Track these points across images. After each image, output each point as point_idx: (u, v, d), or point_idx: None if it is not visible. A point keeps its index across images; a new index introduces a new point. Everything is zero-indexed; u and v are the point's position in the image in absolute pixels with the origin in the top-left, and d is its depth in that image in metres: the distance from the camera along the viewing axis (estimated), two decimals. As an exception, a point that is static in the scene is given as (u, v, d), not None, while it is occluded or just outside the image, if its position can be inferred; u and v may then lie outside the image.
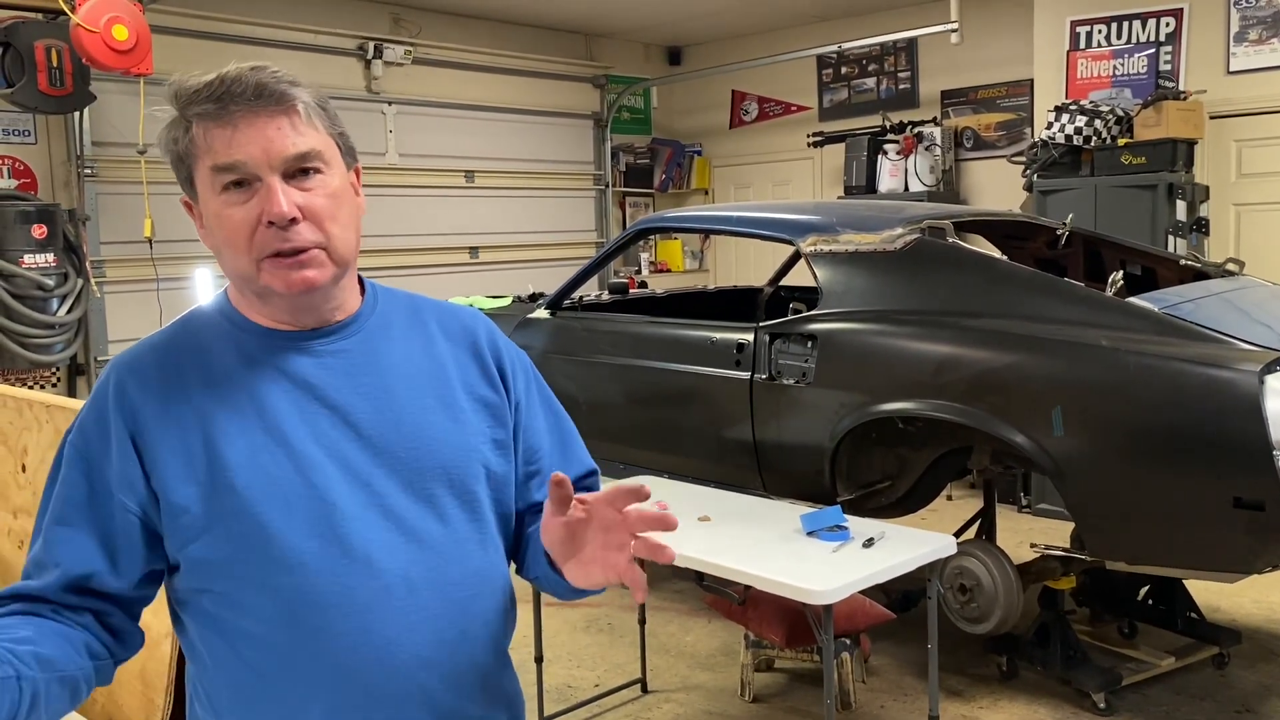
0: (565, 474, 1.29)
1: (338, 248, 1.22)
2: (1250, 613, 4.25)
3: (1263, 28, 5.39)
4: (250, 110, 1.17)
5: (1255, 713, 3.42)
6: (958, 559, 3.52)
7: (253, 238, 1.18)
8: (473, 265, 7.46)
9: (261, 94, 1.17)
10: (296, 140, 1.18)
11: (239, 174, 1.17)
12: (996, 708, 3.50)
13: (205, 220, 1.23)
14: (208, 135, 1.18)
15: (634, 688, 3.74)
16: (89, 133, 5.60)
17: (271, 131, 1.17)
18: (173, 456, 1.19)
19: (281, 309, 1.25)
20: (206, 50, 5.91)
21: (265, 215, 1.17)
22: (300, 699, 1.20)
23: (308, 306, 1.25)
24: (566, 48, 8.10)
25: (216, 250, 1.23)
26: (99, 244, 5.65)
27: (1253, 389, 2.82)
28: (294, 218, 1.17)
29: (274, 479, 1.19)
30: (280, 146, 1.17)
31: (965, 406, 3.29)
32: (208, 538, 1.18)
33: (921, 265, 3.61)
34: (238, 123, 1.17)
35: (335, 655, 1.19)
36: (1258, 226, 5.52)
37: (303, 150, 1.19)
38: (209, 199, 1.20)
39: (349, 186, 1.26)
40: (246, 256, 1.19)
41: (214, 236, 1.22)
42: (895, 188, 6.93)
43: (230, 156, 1.17)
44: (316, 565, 1.18)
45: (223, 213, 1.19)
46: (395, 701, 1.22)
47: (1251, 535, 2.90)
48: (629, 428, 4.26)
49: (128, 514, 1.20)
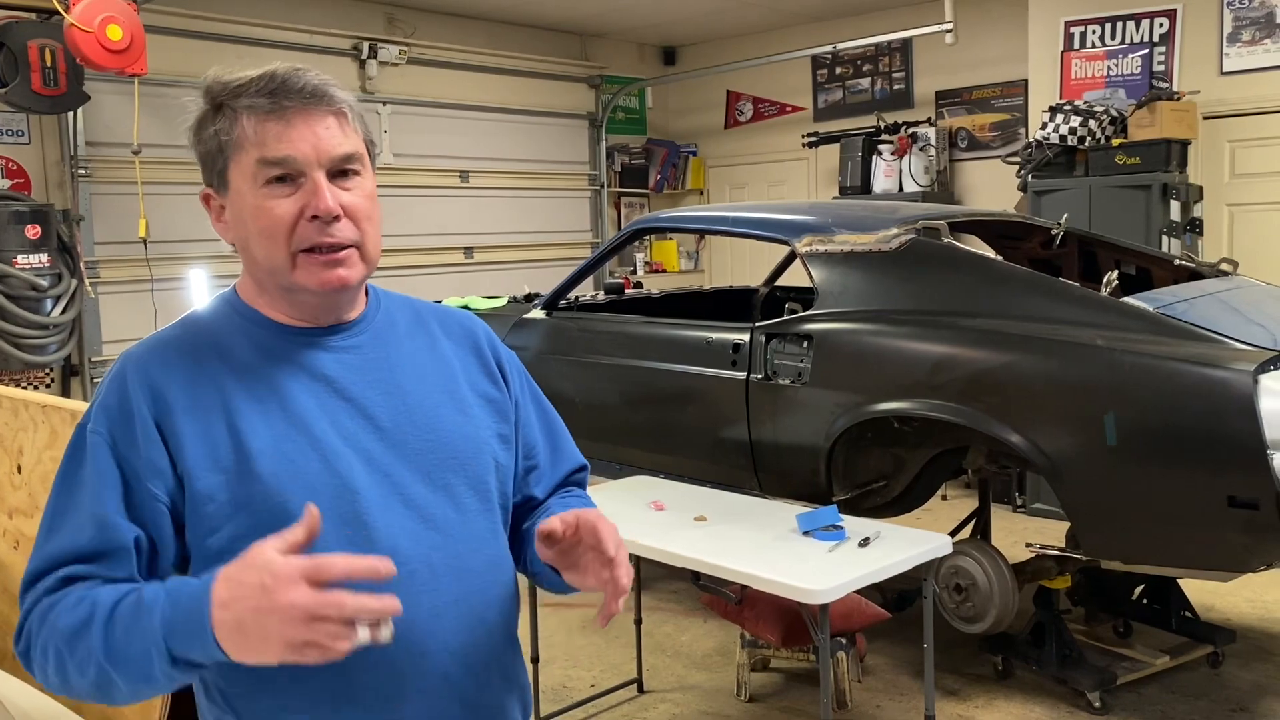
0: (554, 474, 1.45)
1: (369, 248, 1.27)
2: (1245, 612, 4.26)
3: (1255, 28, 5.40)
4: (303, 107, 1.21)
5: (1250, 711, 3.43)
6: (953, 558, 3.52)
7: (292, 232, 1.21)
8: (468, 265, 7.46)
9: (315, 93, 1.22)
10: (343, 141, 1.23)
11: (287, 168, 1.21)
12: (992, 707, 3.51)
13: (237, 212, 1.24)
14: (259, 128, 1.20)
15: (630, 688, 3.74)
16: (83, 133, 5.59)
17: (321, 130, 1.22)
18: (197, 444, 1.19)
19: (305, 306, 1.27)
20: (200, 50, 5.91)
21: (310, 210, 1.20)
22: (329, 690, 1.20)
23: (333, 305, 1.28)
24: (561, 48, 8.10)
25: (244, 242, 1.25)
26: (93, 244, 5.64)
27: (1247, 388, 2.83)
28: (338, 214, 1.21)
29: (299, 467, 1.20)
30: (329, 145, 1.22)
31: (960, 406, 3.29)
32: (231, 526, 1.18)
33: (917, 265, 3.62)
34: (291, 118, 1.20)
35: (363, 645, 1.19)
36: (1251, 226, 5.54)
37: (348, 151, 1.23)
38: (247, 191, 1.22)
39: (376, 192, 1.31)
40: (284, 250, 1.22)
41: (245, 229, 1.24)
42: (890, 188, 6.94)
43: (280, 151, 1.20)
44: (342, 552, 1.18)
45: (264, 204, 1.21)
46: (420, 687, 1.23)
47: (1246, 534, 2.91)
48: (625, 428, 4.26)
49: (158, 503, 1.19)
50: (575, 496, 1.49)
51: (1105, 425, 3.02)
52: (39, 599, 1.15)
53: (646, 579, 4.21)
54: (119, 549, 1.16)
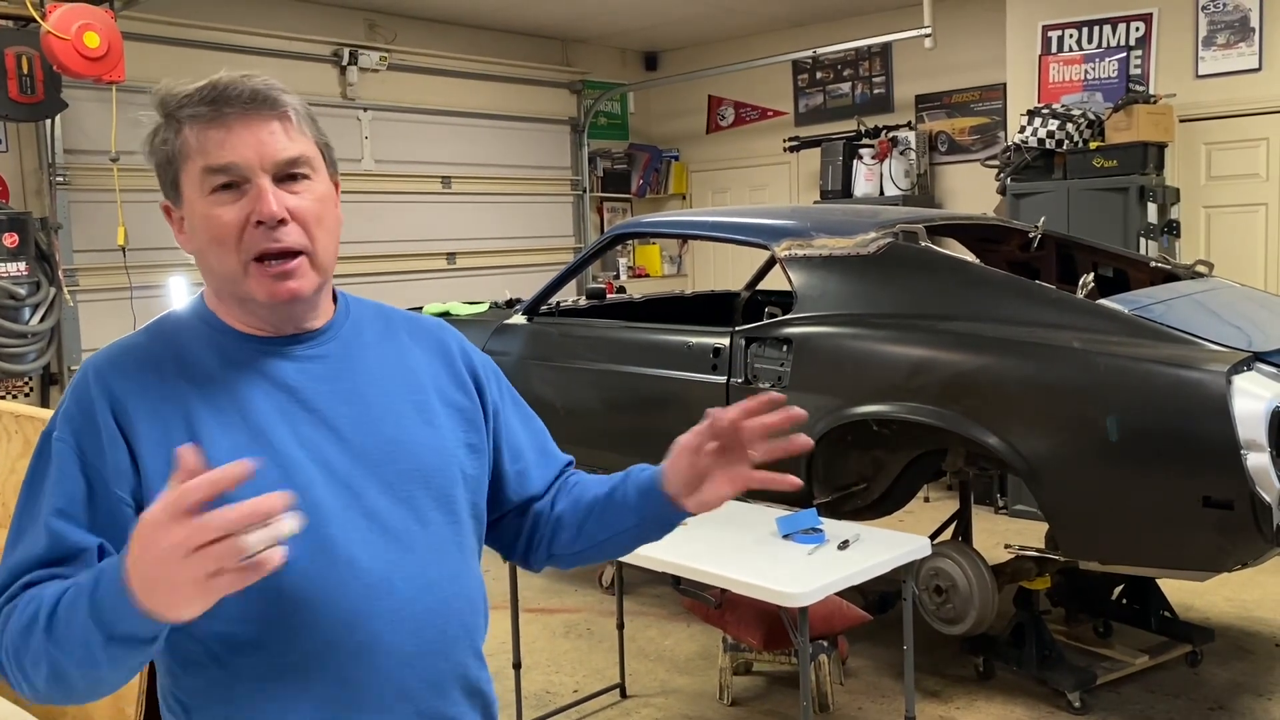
0: (546, 472, 1.44)
1: (321, 255, 1.25)
2: (1223, 610, 4.29)
3: (1230, 32, 5.45)
4: (244, 113, 1.20)
5: (1228, 709, 3.45)
6: (933, 560, 3.54)
7: (240, 239, 1.20)
8: (450, 271, 7.45)
9: (255, 98, 1.20)
10: (288, 145, 1.21)
11: (231, 175, 1.19)
12: (973, 708, 3.52)
13: (189, 223, 1.23)
14: (200, 137, 1.20)
15: (613, 693, 3.74)
16: (60, 140, 5.57)
17: (264, 135, 1.20)
18: (157, 452, 1.18)
19: (262, 317, 1.26)
20: (179, 57, 5.88)
21: (255, 215, 1.19)
22: (282, 700, 1.20)
23: (288, 316, 1.27)
24: (543, 53, 8.10)
25: (200, 253, 1.24)
26: (71, 252, 5.62)
27: (1221, 389, 2.86)
28: (283, 218, 1.20)
29: (257, 480, 1.19)
30: (272, 150, 1.20)
31: (939, 409, 3.31)
32: None
33: (895, 269, 3.64)
34: (231, 125, 1.19)
35: (318, 655, 1.19)
36: (1227, 228, 5.58)
37: (293, 155, 1.22)
38: (196, 200, 1.21)
39: (332, 195, 1.29)
40: (234, 257, 1.21)
41: (198, 238, 1.23)
42: (870, 192, 6.97)
43: (223, 158, 1.19)
44: (300, 566, 1.17)
45: (211, 213, 1.20)
46: (378, 701, 1.23)
47: (1221, 534, 2.93)
48: (606, 432, 4.26)
49: (124, 507, 1.18)
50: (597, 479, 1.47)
51: (1108, 425, 3.03)
52: (1, 607, 1.14)
53: (629, 584, 4.22)
54: (78, 552, 1.15)
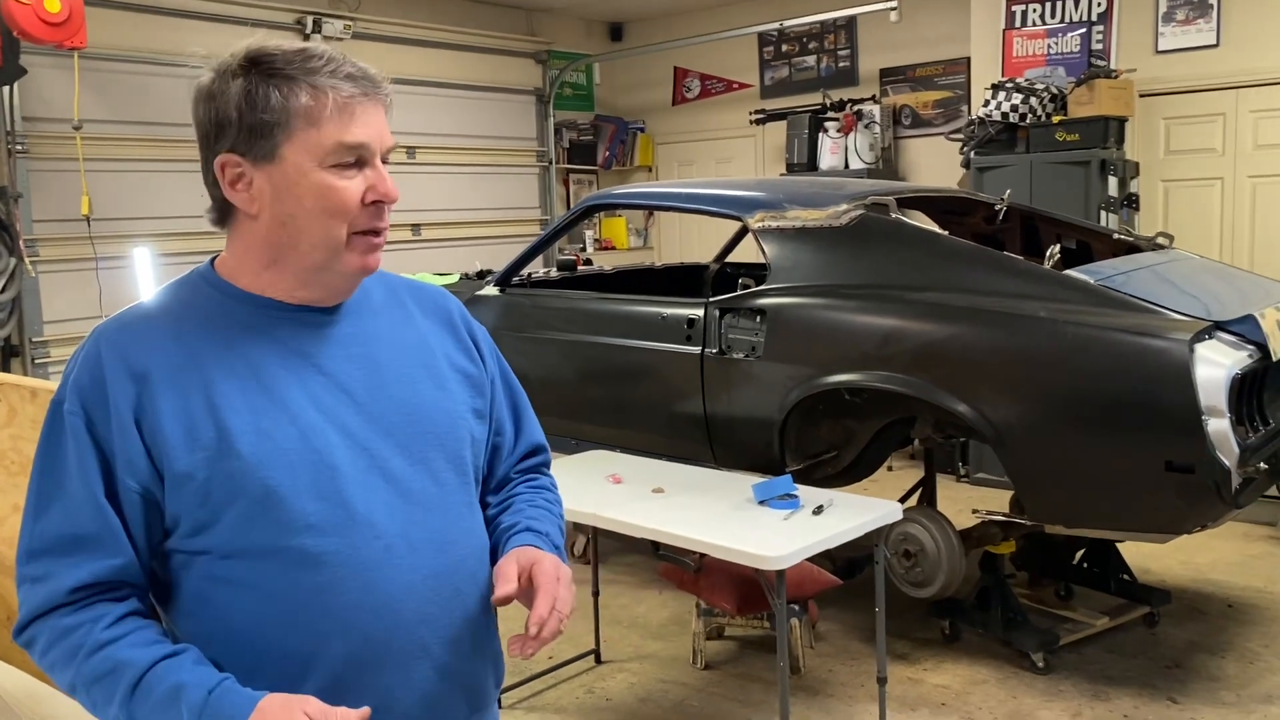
0: (517, 449, 1.50)
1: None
2: (1179, 574, 4.42)
3: (1189, 9, 5.54)
4: (374, 97, 1.25)
5: (1184, 668, 3.58)
6: (902, 525, 3.61)
7: (353, 213, 1.25)
8: (415, 243, 7.40)
9: (377, 83, 1.26)
10: (390, 133, 1.29)
11: (360, 154, 1.24)
12: (940, 669, 3.62)
13: (283, 187, 1.22)
14: (341, 109, 1.22)
15: (588, 659, 3.79)
16: (19, 108, 5.45)
17: (383, 120, 1.27)
18: (175, 423, 1.20)
19: (327, 286, 1.29)
20: (141, 23, 5.78)
21: (373, 195, 1.25)
22: (304, 656, 1.23)
23: (353, 287, 1.32)
24: (507, 23, 8.04)
25: (285, 217, 1.23)
26: (32, 222, 5.51)
27: (1183, 357, 2.95)
28: (396, 200, 1.28)
29: (278, 444, 1.21)
30: (387, 136, 1.28)
31: (909, 377, 3.37)
32: (212, 503, 1.20)
33: (866, 240, 3.69)
34: (366, 105, 1.24)
35: (339, 614, 1.22)
36: (1185, 202, 5.70)
37: (393, 144, 1.29)
38: (309, 168, 1.22)
39: None
40: (343, 229, 1.25)
41: (295, 204, 1.22)
42: (836, 165, 7.01)
43: (359, 136, 1.23)
44: (322, 527, 1.21)
45: (334, 184, 1.23)
46: (398, 657, 1.26)
47: (1181, 498, 3.03)
48: (581, 403, 4.29)
49: (131, 493, 1.21)
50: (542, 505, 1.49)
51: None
52: (48, 610, 1.19)
53: (603, 553, 4.26)
54: (111, 531, 1.19)
